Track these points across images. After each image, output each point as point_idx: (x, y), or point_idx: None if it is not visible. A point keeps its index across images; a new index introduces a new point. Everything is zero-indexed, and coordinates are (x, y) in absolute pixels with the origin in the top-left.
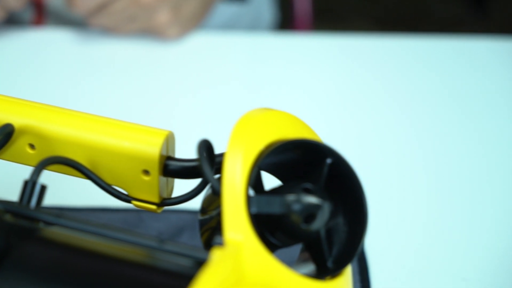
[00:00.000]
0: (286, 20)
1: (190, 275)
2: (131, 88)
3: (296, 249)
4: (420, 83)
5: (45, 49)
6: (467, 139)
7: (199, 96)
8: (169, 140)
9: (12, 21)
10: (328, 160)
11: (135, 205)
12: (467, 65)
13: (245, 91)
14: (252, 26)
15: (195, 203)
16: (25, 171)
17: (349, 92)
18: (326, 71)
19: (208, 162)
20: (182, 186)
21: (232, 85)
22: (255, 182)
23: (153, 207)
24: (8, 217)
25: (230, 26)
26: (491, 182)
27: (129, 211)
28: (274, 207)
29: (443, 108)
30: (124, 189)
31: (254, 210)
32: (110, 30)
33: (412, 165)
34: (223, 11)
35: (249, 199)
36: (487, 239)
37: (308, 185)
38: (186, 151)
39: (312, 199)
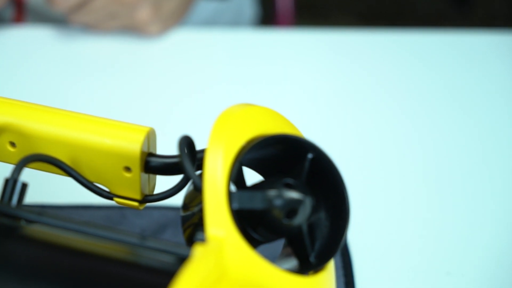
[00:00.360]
0: (268, 16)
1: (172, 271)
2: (112, 85)
3: (278, 245)
4: (404, 77)
5: (26, 46)
6: (452, 131)
7: (181, 93)
8: (150, 137)
9: None
10: (310, 155)
11: (117, 202)
12: (450, 59)
13: (227, 87)
14: (233, 22)
15: (178, 200)
16: (6, 169)
17: (332, 87)
18: (308, 67)
19: (189, 158)
20: (164, 183)
21: (214, 82)
22: (236, 177)
23: (135, 203)
24: None
25: (212, 22)
26: (481, 174)
27: (111, 208)
28: (255, 202)
29: (426, 102)
30: (105, 186)
31: (236, 205)
32: (91, 27)
33: (396, 159)
34: (205, 8)
35: (230, 195)
36: (472, 232)
37: (290, 180)
38: (167, 147)
39: (293, 194)
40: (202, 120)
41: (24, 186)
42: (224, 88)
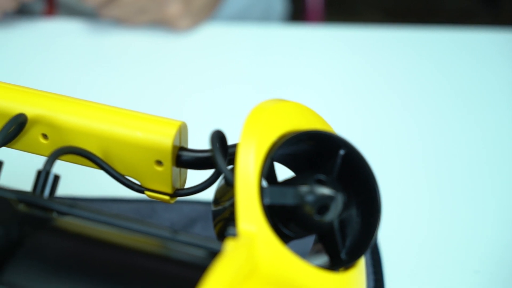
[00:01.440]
0: (298, 12)
1: (204, 266)
2: (142, 79)
3: (308, 241)
4: (431, 75)
5: (56, 40)
6: (477, 132)
7: (210, 87)
8: (182, 131)
9: (24, 12)
10: (342, 151)
11: (148, 196)
12: (477, 57)
13: (256, 82)
14: (263, 17)
15: (208, 194)
16: (38, 161)
17: (359, 84)
18: (336, 63)
19: (221, 153)
20: (194, 177)
21: (243, 76)
22: (268, 173)
23: (166, 197)
24: (21, 207)
25: (242, 17)
26: (505, 174)
27: (141, 202)
28: (287, 198)
29: (452, 101)
30: (137, 180)
31: (268, 201)
32: (121, 22)
33: (424, 156)
34: (235, 2)
35: (262, 190)
36: (500, 230)
37: (322, 176)
38: (197, 142)
39: (325, 190)
40: (232, 115)
41: (56, 178)
42: (253, 83)
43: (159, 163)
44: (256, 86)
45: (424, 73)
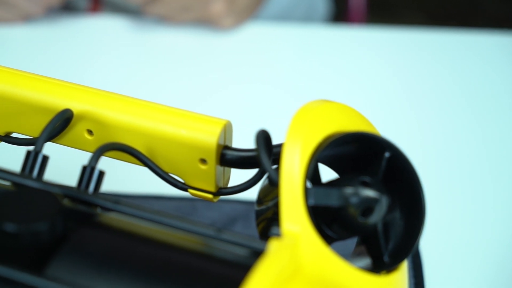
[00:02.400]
0: (341, 13)
1: (247, 265)
2: (184, 77)
3: (350, 243)
4: (472, 78)
5: (100, 37)
6: None
7: (253, 87)
8: (227, 130)
9: (68, 8)
10: (387, 154)
11: (192, 194)
12: None
13: (297, 82)
14: (306, 17)
15: (248, 194)
16: (82, 157)
17: (400, 85)
18: (378, 64)
19: (266, 152)
20: (235, 176)
21: (285, 76)
22: (312, 174)
23: (210, 196)
24: (66, 202)
25: (285, 17)
26: None
27: (182, 200)
28: (331, 199)
29: (496, 104)
30: (180, 177)
31: (312, 202)
32: (165, 19)
33: (470, 162)
34: (277, 2)
35: (306, 191)
36: None
37: (366, 178)
38: (239, 141)
39: (370, 193)
40: (273, 114)
41: (101, 174)
42: (295, 83)
43: (203, 161)
44: (298, 86)
45: (467, 76)
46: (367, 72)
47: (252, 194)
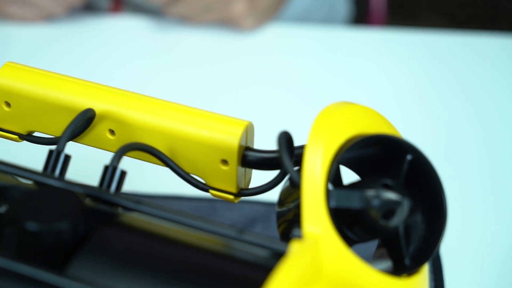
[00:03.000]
0: (361, 15)
1: (268, 266)
2: (205, 78)
3: (370, 245)
4: (492, 81)
5: (121, 36)
6: None
7: (273, 88)
8: (248, 131)
9: (90, 8)
10: (409, 157)
11: (213, 194)
12: None
13: (318, 84)
14: (327, 19)
15: (269, 195)
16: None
17: (421, 88)
18: (399, 66)
19: (288, 154)
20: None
21: (306, 78)
22: (334, 176)
23: (231, 197)
24: (88, 201)
25: (305, 18)
26: None
27: (202, 200)
28: (353, 201)
29: None
30: (202, 178)
31: (333, 204)
32: (186, 20)
33: (491, 163)
34: (298, 3)
35: (328, 193)
36: None
37: (388, 181)
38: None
39: (392, 195)
40: (293, 116)
41: (123, 174)
42: (315, 85)
43: (224, 162)
44: (318, 88)
45: (488, 79)
46: (387, 74)
47: (272, 195)
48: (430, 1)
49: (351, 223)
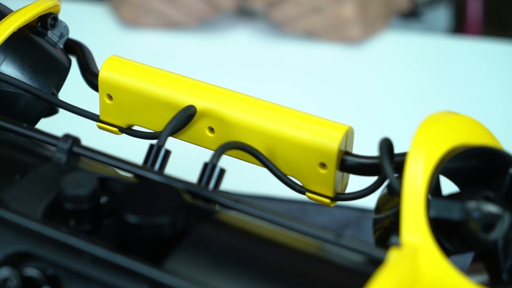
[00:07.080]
0: (459, 24)
1: (366, 273)
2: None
3: (466, 257)
4: None
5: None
6: None
7: (372, 95)
8: (348, 135)
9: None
10: (511, 170)
11: (309, 197)
12: None
13: (417, 92)
14: (428, 28)
15: (361, 201)
16: (202, 154)
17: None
18: (493, 77)
19: (389, 161)
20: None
21: (405, 86)
22: (434, 186)
23: (327, 200)
24: (187, 197)
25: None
26: None
27: (292, 202)
28: (453, 212)
29: None
30: (299, 180)
31: (433, 213)
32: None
33: None
34: None
35: (428, 202)
36: None
37: (490, 194)
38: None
39: (493, 208)
40: (393, 123)
41: (222, 172)
42: (414, 93)
43: (323, 165)
44: (417, 96)
45: None
46: (485, 83)
47: (364, 201)
48: None
49: (449, 234)
